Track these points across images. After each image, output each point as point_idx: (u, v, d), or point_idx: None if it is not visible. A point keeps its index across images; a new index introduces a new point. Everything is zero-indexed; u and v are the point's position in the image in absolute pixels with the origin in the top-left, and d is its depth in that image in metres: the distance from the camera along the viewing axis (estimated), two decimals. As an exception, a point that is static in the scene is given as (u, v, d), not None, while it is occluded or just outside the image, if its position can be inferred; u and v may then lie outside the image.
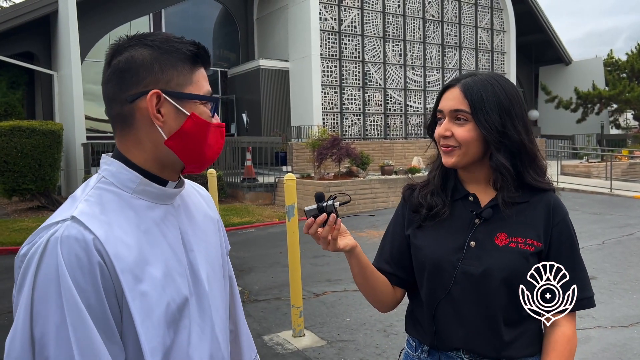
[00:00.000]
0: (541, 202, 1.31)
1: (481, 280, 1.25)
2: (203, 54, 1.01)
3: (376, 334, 4.24)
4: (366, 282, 1.36)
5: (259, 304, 5.11)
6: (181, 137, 0.97)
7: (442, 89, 1.34)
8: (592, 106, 24.09)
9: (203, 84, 1.01)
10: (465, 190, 1.35)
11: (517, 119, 1.27)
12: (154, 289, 0.92)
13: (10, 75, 14.74)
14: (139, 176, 0.98)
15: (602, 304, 4.85)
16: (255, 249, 7.76)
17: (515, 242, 1.27)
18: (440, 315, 1.30)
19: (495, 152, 1.26)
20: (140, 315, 0.89)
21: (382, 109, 18.66)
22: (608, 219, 9.59)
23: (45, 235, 0.86)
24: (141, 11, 16.71)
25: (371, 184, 11.54)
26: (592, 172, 16.50)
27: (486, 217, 1.29)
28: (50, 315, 0.82)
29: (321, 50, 16.96)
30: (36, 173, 10.71)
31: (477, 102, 1.25)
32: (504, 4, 21.73)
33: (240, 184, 12.55)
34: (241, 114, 18.03)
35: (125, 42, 0.98)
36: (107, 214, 0.92)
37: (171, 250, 0.99)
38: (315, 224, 1.21)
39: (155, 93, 0.94)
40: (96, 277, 0.85)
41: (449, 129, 1.28)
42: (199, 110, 0.99)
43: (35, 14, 13.81)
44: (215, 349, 1.04)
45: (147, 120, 0.96)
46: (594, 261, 6.44)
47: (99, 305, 0.85)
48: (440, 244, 1.31)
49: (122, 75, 0.96)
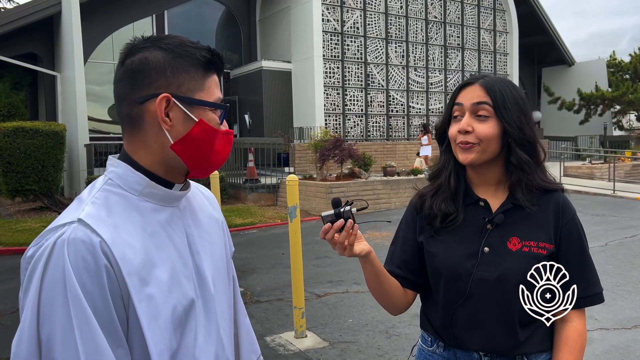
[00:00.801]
0: (550, 203, 1.33)
1: (497, 285, 1.27)
2: (217, 60, 1.01)
3: (378, 335, 4.24)
4: (380, 286, 1.37)
5: (261, 305, 5.11)
6: (187, 143, 0.97)
7: (458, 87, 1.35)
8: (595, 107, 24.04)
9: (214, 90, 1.01)
10: (476, 195, 1.36)
11: (530, 120, 1.32)
12: (161, 291, 0.92)
13: (13, 76, 14.78)
14: (145, 178, 0.98)
15: (604, 305, 4.84)
16: (258, 250, 7.77)
17: (528, 246, 1.29)
18: (457, 320, 1.32)
19: (517, 147, 1.29)
20: (147, 318, 0.89)
21: (384, 110, 18.66)
22: (611, 220, 9.57)
23: (52, 238, 0.86)
24: (144, 12, 16.74)
25: (373, 185, 11.54)
26: (595, 174, 16.46)
27: (498, 222, 1.31)
28: (56, 317, 0.82)
29: (324, 51, 16.97)
30: (39, 174, 10.74)
31: (500, 98, 1.28)
32: (506, 5, 21.71)
33: (243, 185, 12.56)
34: (244, 115, 18.05)
35: (140, 42, 0.98)
36: (114, 217, 0.92)
37: (177, 253, 0.99)
38: (332, 230, 1.21)
39: (165, 97, 0.94)
40: (103, 280, 0.85)
41: (470, 124, 1.28)
42: (208, 117, 0.98)
43: (39, 15, 13.85)
44: (220, 351, 1.04)
45: (155, 123, 0.96)
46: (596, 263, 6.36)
47: (106, 308, 0.85)
48: (454, 251, 1.33)
49: (134, 75, 0.96)
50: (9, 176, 10.59)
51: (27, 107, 15.14)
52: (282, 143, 14.63)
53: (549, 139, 23.81)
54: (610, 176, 15.01)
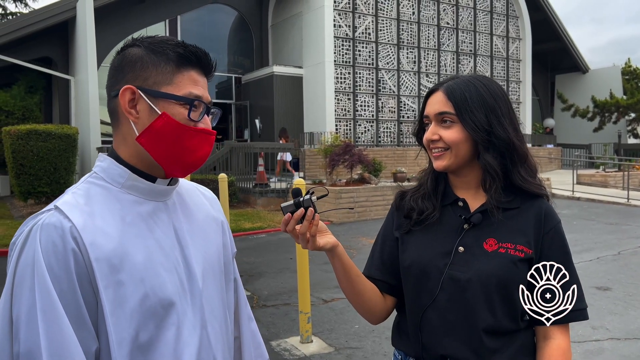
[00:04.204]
0: (532, 209, 1.27)
1: (468, 286, 1.22)
2: (191, 57, 1.00)
3: (385, 341, 4.19)
4: (352, 286, 1.30)
5: (267, 309, 5.09)
6: (151, 135, 0.97)
7: (426, 94, 1.33)
8: (610, 115, 23.76)
9: (185, 85, 0.99)
10: (455, 195, 1.32)
11: (503, 116, 1.25)
12: (131, 279, 0.92)
13: (28, 80, 14.99)
14: (127, 171, 1.00)
15: (616, 315, 4.75)
16: (266, 254, 7.76)
17: (505, 247, 1.23)
18: (425, 322, 1.26)
19: (484, 151, 1.24)
20: (111, 304, 0.90)
21: (395, 116, 18.62)
22: (624, 229, 9.43)
23: (30, 224, 0.91)
24: (157, 17, 16.91)
25: (383, 190, 11.48)
26: (609, 182, 16.25)
27: (475, 222, 1.26)
28: (24, 298, 0.85)
29: (335, 57, 17.00)
30: (51, 176, 10.85)
31: (461, 102, 1.24)
32: (519, 12, 21.60)
33: (252, 190, 12.57)
34: (254, 119, 18.11)
35: (129, 42, 1.03)
36: (92, 205, 0.95)
37: (157, 245, 0.99)
38: (292, 220, 1.14)
39: (128, 89, 0.97)
40: (69, 263, 0.87)
41: (435, 133, 1.27)
42: (174, 111, 0.98)
43: (54, 20, 14.05)
44: (205, 348, 1.02)
45: (126, 116, 0.99)
46: (609, 272, 6.32)
47: (71, 291, 0.87)
48: (427, 249, 1.28)
49: (113, 72, 1.01)
50: (21, 178, 10.71)
51: (41, 110, 15.33)
52: (292, 148, 14.65)
53: (562, 146, 23.60)
54: (624, 184, 14.80)
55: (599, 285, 5.74)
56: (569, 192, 13.97)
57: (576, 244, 7.80)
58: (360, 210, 10.96)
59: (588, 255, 7.23)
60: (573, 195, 13.77)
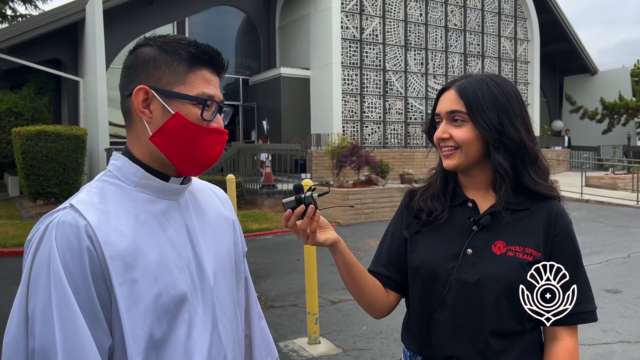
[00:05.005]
0: (542, 210, 1.25)
1: (476, 288, 1.21)
2: (203, 56, 1.00)
3: (393, 343, 4.18)
4: (353, 281, 1.31)
5: (275, 310, 5.09)
6: (164, 135, 0.98)
7: (438, 92, 1.32)
8: (619, 117, 23.59)
9: (198, 85, 1.00)
10: (465, 196, 1.31)
11: (515, 117, 1.24)
12: (145, 277, 0.93)
13: (38, 81, 15.12)
14: (141, 170, 1.01)
15: (626, 318, 4.71)
16: (273, 256, 7.76)
17: (514, 250, 1.22)
18: (433, 323, 1.26)
19: (494, 151, 1.23)
20: (126, 302, 0.91)
21: (402, 118, 18.59)
22: (634, 232, 9.35)
23: (46, 222, 0.92)
24: (165, 19, 16.99)
25: (390, 192, 11.46)
26: (618, 184, 16.12)
27: (484, 224, 1.25)
28: (39, 295, 0.86)
29: (342, 58, 17.00)
30: (60, 177, 10.93)
31: (473, 101, 1.23)
32: (527, 13, 21.51)
33: (260, 191, 12.59)
34: (262, 121, 18.15)
35: (141, 42, 1.03)
36: (106, 204, 0.95)
37: (170, 244, 0.99)
38: (293, 216, 1.16)
39: (142, 89, 0.97)
40: (84, 261, 0.88)
41: (446, 131, 1.26)
42: (187, 111, 0.98)
43: (63, 22, 14.15)
44: (216, 345, 1.03)
45: (140, 116, 1.00)
46: (619, 275, 6.27)
47: (86, 288, 0.88)
48: (436, 250, 1.28)
49: (126, 71, 1.02)
50: (31, 179, 10.79)
51: (50, 112, 15.45)
52: (300, 149, 14.64)
53: (571, 148, 23.44)
54: (633, 187, 14.69)
55: (608, 288, 5.70)
56: (577, 194, 13.88)
57: (585, 246, 7.75)
58: (367, 212, 10.95)
59: (597, 257, 7.18)
60: (582, 197, 13.68)
